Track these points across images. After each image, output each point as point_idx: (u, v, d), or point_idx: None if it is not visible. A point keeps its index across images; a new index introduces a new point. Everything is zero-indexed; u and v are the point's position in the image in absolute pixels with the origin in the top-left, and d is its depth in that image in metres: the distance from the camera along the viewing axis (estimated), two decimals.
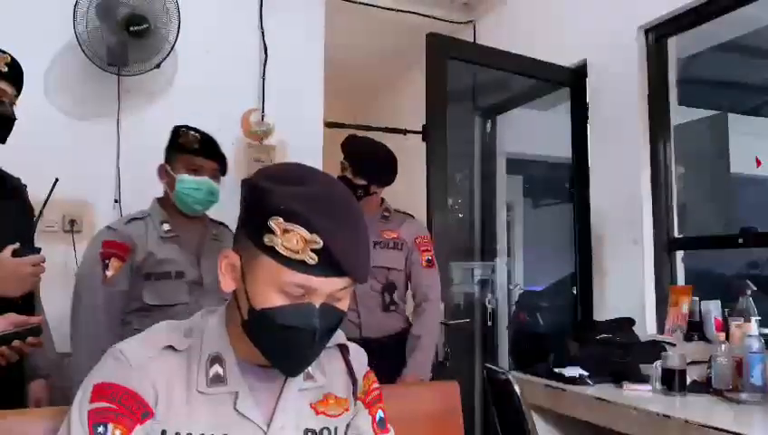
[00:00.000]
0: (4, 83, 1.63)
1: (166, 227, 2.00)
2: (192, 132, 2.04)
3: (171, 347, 0.96)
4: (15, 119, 1.69)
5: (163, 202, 2.06)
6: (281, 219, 0.86)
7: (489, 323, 3.45)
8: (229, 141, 2.95)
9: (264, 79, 3.02)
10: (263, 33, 3.03)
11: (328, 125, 3.16)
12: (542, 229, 4.52)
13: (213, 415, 0.93)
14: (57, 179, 1.73)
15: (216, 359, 0.96)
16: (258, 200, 0.90)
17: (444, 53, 2.57)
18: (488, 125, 3.70)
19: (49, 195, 1.74)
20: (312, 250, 0.86)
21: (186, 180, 1.99)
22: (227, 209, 2.57)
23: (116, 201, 2.66)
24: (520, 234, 4.44)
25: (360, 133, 4.01)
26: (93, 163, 2.61)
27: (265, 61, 3.02)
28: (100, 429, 0.89)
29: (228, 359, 0.97)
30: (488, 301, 3.50)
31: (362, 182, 2.35)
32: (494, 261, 3.79)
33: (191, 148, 2.01)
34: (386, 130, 3.69)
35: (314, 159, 2.98)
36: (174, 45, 2.63)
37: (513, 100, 3.61)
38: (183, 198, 2.00)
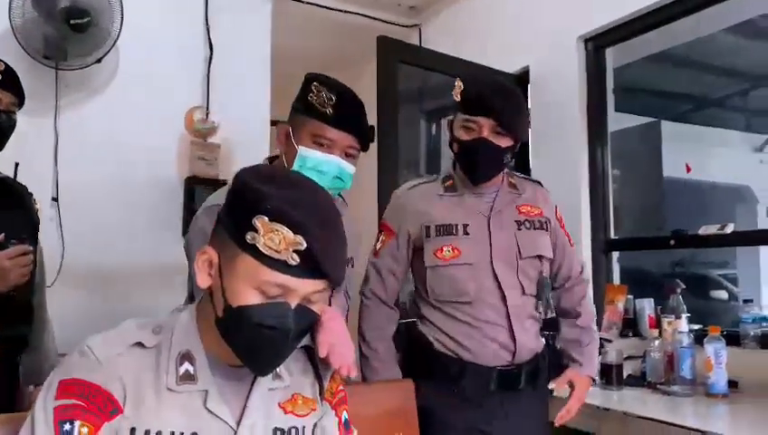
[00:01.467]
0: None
1: None
2: (327, 91, 1.47)
3: (140, 344, 0.94)
4: (11, 126, 1.70)
5: None
6: (266, 219, 0.87)
7: None
8: (172, 139, 2.90)
9: (208, 77, 2.98)
10: (208, 30, 2.99)
11: (274, 124, 3.14)
12: None
13: (182, 413, 0.93)
14: (18, 163, 1.74)
15: (185, 356, 0.95)
16: (243, 198, 0.91)
17: (394, 56, 2.60)
18: (434, 128, 3.76)
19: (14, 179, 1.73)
20: (295, 251, 0.87)
21: (307, 157, 1.47)
22: (171, 207, 2.54)
23: (54, 199, 2.56)
24: None
25: None
26: (29, 160, 2.51)
27: (210, 58, 2.97)
28: (67, 426, 0.87)
29: (198, 357, 0.96)
30: None
31: (508, 143, 1.64)
32: None
33: (321, 112, 1.46)
34: None
35: (260, 159, 2.95)
36: (116, 40, 2.56)
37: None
38: None
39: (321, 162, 1.46)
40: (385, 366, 1.67)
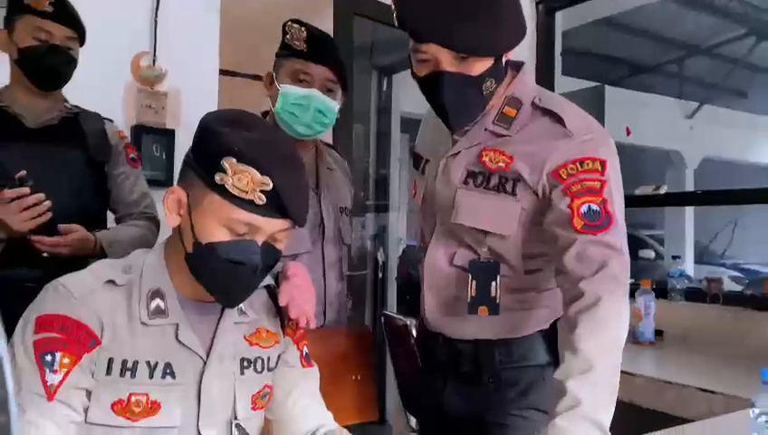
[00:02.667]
0: (50, 24, 1.55)
1: None
2: (298, 28, 1.54)
3: (112, 282, 0.98)
4: (68, 62, 1.63)
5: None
6: (234, 160, 0.91)
7: (380, 275, 3.58)
8: (118, 86, 2.81)
9: (156, 23, 2.88)
10: None
11: (223, 73, 3.09)
12: None
13: (155, 344, 0.97)
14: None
15: (156, 293, 0.99)
16: (211, 141, 0.94)
17: (351, 9, 2.59)
18: (384, 83, 3.77)
19: None
20: (262, 191, 0.91)
21: (288, 93, 1.51)
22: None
23: None
24: (405, 191, 4.61)
25: (254, 83, 3.95)
26: None
27: (158, 4, 2.88)
28: (48, 357, 0.90)
29: (168, 293, 1.00)
30: (379, 254, 3.64)
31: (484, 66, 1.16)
32: (386, 216, 3.92)
33: (297, 49, 1.53)
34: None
35: (209, 108, 2.91)
36: None
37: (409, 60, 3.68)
38: (283, 116, 1.51)
39: (301, 96, 1.50)
40: None
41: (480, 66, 1.13)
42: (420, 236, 1.41)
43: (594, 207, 1.10)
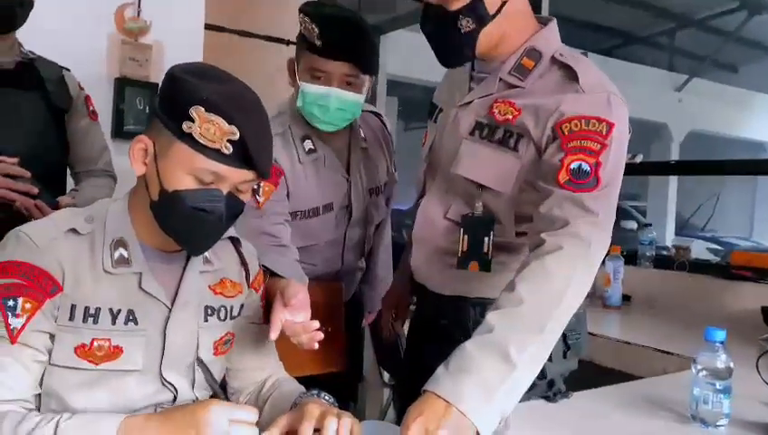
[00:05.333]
0: None
1: (308, 144, 1.57)
2: (310, 21, 1.42)
3: (74, 230, 0.99)
4: (25, 2, 1.57)
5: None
6: (202, 109, 0.93)
7: None
8: (101, 38, 2.79)
9: None
10: None
11: (208, 28, 3.07)
12: (412, 152, 4.73)
13: (119, 293, 1.00)
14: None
15: (119, 242, 1.01)
16: (180, 90, 0.95)
17: None
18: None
19: None
20: (229, 141, 0.93)
21: (307, 92, 1.48)
22: (100, 108, 2.50)
23: None
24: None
25: (239, 40, 3.91)
26: None
27: None
28: (11, 302, 0.92)
29: (131, 243, 1.02)
30: None
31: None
32: None
33: (311, 44, 1.44)
34: (267, 38, 3.64)
35: (193, 60, 2.90)
36: None
37: (397, 21, 3.66)
38: (305, 113, 1.52)
39: (319, 96, 1.47)
40: None
41: (458, 2, 1.13)
42: (420, 188, 1.41)
43: (585, 166, 1.06)
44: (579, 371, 1.42)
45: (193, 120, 0.93)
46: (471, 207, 1.22)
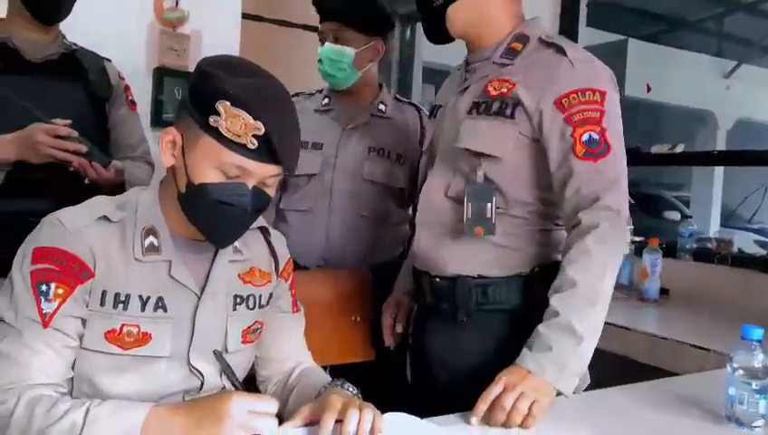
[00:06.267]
0: None
1: (325, 100, 1.88)
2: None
3: (106, 218, 1.02)
4: None
5: None
6: (228, 103, 0.93)
7: None
8: (140, 27, 2.84)
9: None
10: None
11: (245, 17, 3.09)
12: None
13: (149, 280, 1.02)
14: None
15: (150, 231, 1.03)
16: (208, 84, 0.96)
17: None
18: (408, 32, 3.73)
19: None
20: (254, 136, 0.94)
21: (318, 53, 1.80)
22: (139, 97, 2.55)
23: None
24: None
25: (276, 29, 3.93)
26: None
27: None
28: (44, 287, 0.95)
29: (162, 232, 1.04)
30: None
31: None
32: None
33: (315, 6, 1.82)
34: (305, 27, 3.65)
35: (230, 50, 2.92)
36: None
37: None
38: (320, 73, 1.83)
39: (320, 53, 1.79)
40: None
41: None
42: (422, 182, 1.45)
43: (594, 136, 1.18)
44: (611, 366, 1.39)
45: (219, 115, 0.94)
46: (471, 181, 1.29)
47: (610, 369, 1.41)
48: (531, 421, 1.06)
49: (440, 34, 1.36)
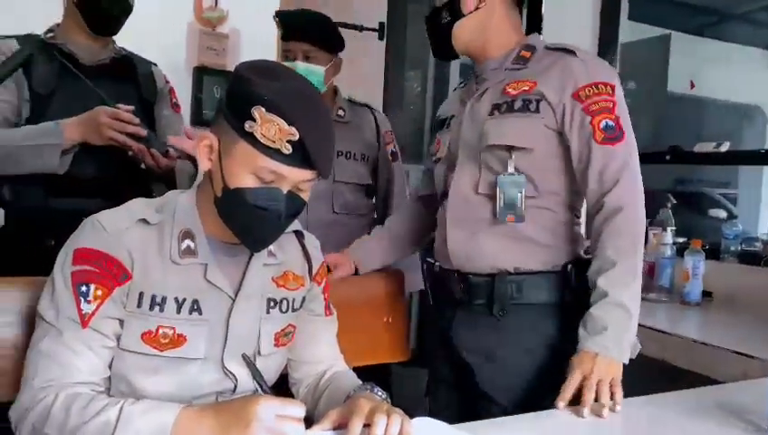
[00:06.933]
0: None
1: None
2: (276, 16, 2.00)
3: (144, 220, 1.04)
4: (125, 10, 1.71)
5: None
6: (263, 109, 0.94)
7: None
8: (180, 27, 2.89)
9: None
10: None
11: None
12: None
13: (185, 282, 1.04)
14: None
15: (186, 234, 1.05)
16: (243, 90, 0.97)
17: None
18: None
19: None
20: (288, 141, 0.95)
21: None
22: (179, 96, 2.60)
23: None
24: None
25: None
26: None
27: None
28: (83, 288, 0.98)
29: (198, 235, 1.06)
30: None
31: None
32: None
33: (283, 27, 1.97)
34: (342, 25, 3.65)
35: (268, 49, 2.95)
36: None
37: None
38: None
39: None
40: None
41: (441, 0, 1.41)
42: (441, 186, 1.49)
43: (610, 123, 1.30)
44: (648, 371, 1.36)
45: (254, 120, 0.95)
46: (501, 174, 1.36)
47: (649, 373, 1.38)
48: (618, 398, 1.18)
49: (446, 51, 1.45)
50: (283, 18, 1.99)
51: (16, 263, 1.58)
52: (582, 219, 1.46)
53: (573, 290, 1.35)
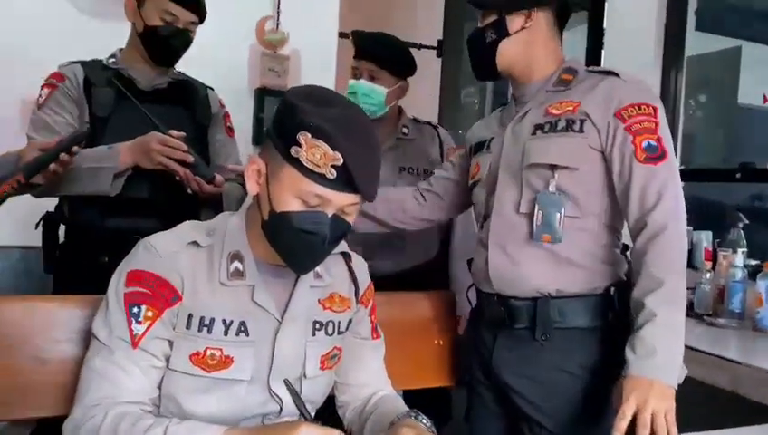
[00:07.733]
0: (178, 8, 1.70)
1: None
2: (351, 35, 2.09)
3: (195, 243, 1.06)
4: (186, 43, 1.77)
5: None
6: (308, 135, 0.96)
7: None
8: (243, 50, 2.97)
9: None
10: None
11: (342, 36, 3.15)
12: None
13: (232, 304, 1.05)
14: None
15: (235, 256, 1.07)
16: (290, 115, 0.99)
17: None
18: None
19: None
20: (333, 166, 0.95)
21: (348, 85, 2.04)
22: (241, 117, 2.65)
23: None
24: None
25: None
26: None
27: None
28: (135, 309, 1.01)
29: (247, 257, 1.08)
30: None
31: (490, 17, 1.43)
32: None
33: (355, 45, 2.05)
34: None
35: (328, 71, 3.00)
36: None
37: None
38: None
39: (351, 86, 1.99)
40: None
41: (487, 20, 1.41)
42: (482, 211, 1.47)
43: (652, 143, 1.29)
44: (719, 404, 1.29)
45: (300, 145, 0.96)
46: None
47: (719, 406, 1.30)
48: (673, 430, 1.15)
49: (489, 71, 1.45)
50: (356, 37, 2.07)
51: (73, 277, 1.66)
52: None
53: (616, 313, 1.34)
